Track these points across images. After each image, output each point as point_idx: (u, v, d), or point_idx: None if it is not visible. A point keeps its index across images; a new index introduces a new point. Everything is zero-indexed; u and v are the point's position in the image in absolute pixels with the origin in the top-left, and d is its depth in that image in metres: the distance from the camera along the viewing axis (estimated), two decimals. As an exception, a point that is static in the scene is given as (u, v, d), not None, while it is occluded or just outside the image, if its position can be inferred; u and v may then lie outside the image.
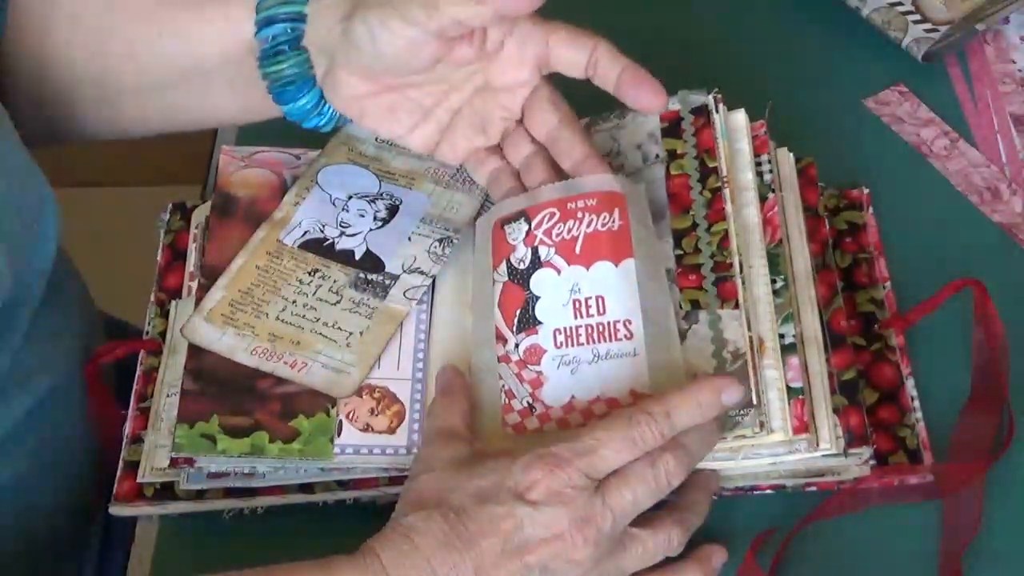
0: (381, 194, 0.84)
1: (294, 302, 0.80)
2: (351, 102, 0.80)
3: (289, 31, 0.80)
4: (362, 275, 0.81)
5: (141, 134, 0.91)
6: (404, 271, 0.81)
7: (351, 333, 0.79)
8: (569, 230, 0.77)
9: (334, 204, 0.84)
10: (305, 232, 0.83)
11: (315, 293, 0.80)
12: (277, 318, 0.79)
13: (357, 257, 0.82)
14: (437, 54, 0.76)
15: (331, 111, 0.82)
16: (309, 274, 0.81)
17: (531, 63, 0.79)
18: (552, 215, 0.78)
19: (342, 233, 0.83)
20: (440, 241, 0.82)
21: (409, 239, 0.82)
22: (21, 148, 0.79)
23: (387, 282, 0.81)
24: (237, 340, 0.79)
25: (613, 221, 0.77)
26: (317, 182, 0.85)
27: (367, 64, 0.78)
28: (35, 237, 0.79)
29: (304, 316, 0.79)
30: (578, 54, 0.77)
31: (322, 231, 0.83)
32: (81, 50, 0.85)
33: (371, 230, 0.83)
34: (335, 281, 0.81)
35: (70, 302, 0.89)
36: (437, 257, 0.81)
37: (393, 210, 0.84)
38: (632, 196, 0.78)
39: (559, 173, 0.80)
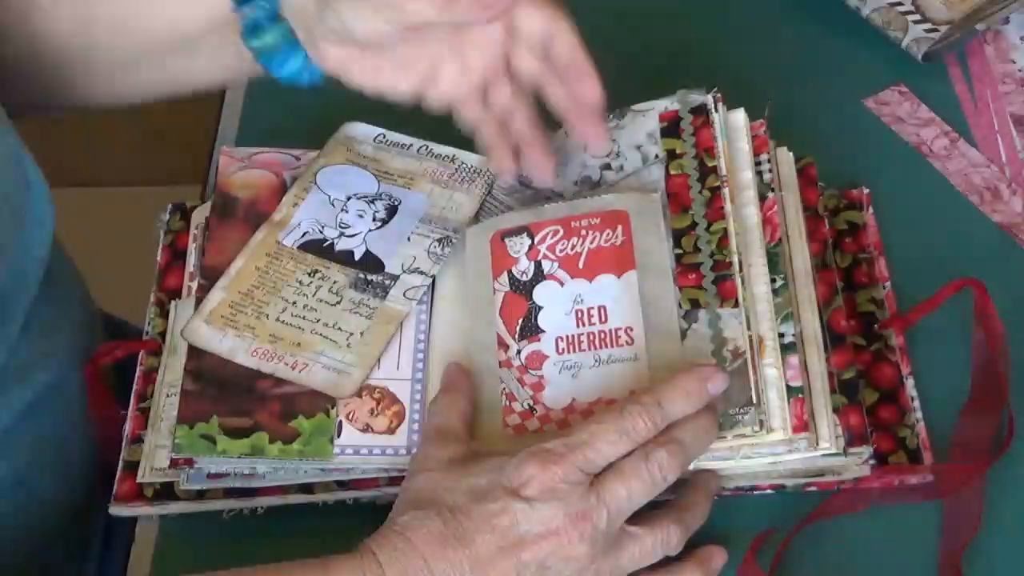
0: (380, 194, 0.84)
1: (294, 303, 0.80)
2: (335, 65, 0.80)
3: (266, 4, 0.80)
4: (362, 275, 0.81)
5: (134, 101, 0.92)
6: (404, 271, 0.81)
7: (351, 333, 0.79)
8: (573, 246, 0.78)
9: (333, 205, 0.84)
10: (304, 233, 0.83)
11: (315, 294, 0.80)
12: (277, 319, 0.79)
13: (357, 258, 0.82)
14: (408, 36, 0.77)
15: (320, 71, 0.82)
16: (309, 275, 0.81)
17: (500, 27, 0.79)
18: (556, 232, 0.79)
19: (341, 234, 0.83)
20: (439, 241, 0.82)
21: (408, 239, 0.82)
22: (2, 134, 0.79)
23: (387, 282, 0.81)
24: (238, 342, 0.79)
25: (616, 237, 0.78)
26: (316, 183, 0.85)
27: (343, 39, 0.78)
28: (22, 223, 0.79)
29: (304, 317, 0.79)
30: (538, 27, 0.78)
31: (321, 232, 0.83)
32: (64, 23, 0.85)
33: (370, 231, 0.83)
34: (335, 282, 0.81)
35: (67, 296, 0.89)
36: (437, 257, 0.81)
37: (392, 210, 0.84)
38: (642, 208, 0.79)
39: (538, 125, 0.81)
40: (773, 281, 0.77)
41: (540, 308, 0.78)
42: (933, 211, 0.90)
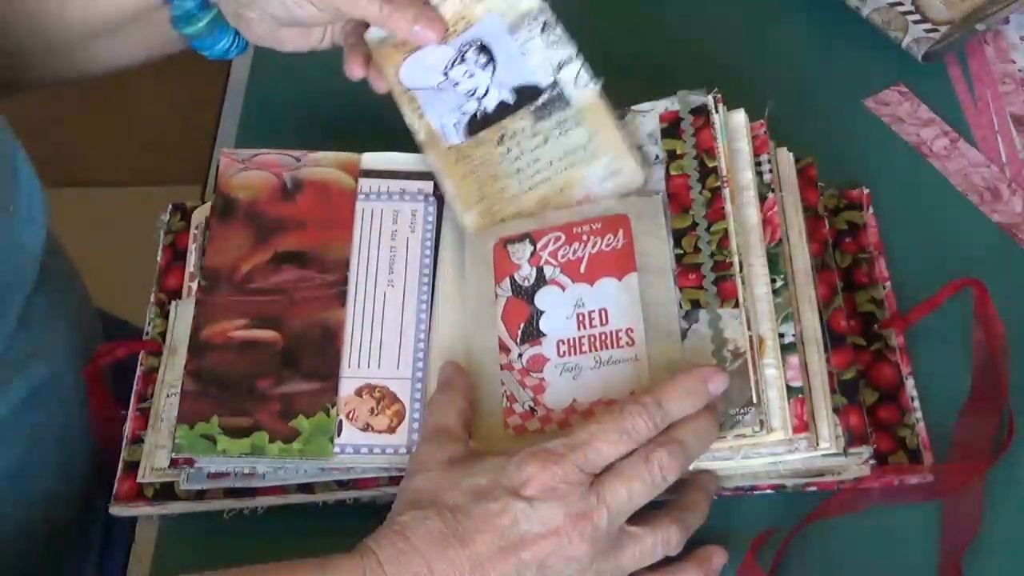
0: (460, 49, 0.84)
1: (519, 171, 0.81)
2: (267, 36, 0.86)
3: None
4: (532, 106, 0.82)
5: (51, 85, 0.96)
6: (555, 72, 0.81)
7: (585, 145, 0.80)
8: (575, 252, 0.79)
9: (442, 88, 0.84)
10: (455, 123, 0.83)
11: (524, 150, 0.81)
12: (529, 190, 0.81)
13: (512, 101, 0.82)
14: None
15: (246, 42, 0.89)
16: (500, 142, 0.82)
17: None
18: (557, 239, 0.79)
19: (479, 100, 0.83)
20: (543, 31, 0.82)
21: (523, 54, 0.82)
22: None
23: (555, 91, 0.81)
24: (525, 223, 0.80)
25: (617, 241, 0.78)
26: (408, 88, 0.84)
27: (281, 22, 0.85)
28: (8, 219, 0.79)
29: (539, 172, 0.80)
30: None
31: (463, 112, 0.83)
32: None
33: (491, 76, 0.83)
34: (523, 129, 0.81)
35: (65, 291, 0.89)
36: (558, 40, 0.82)
37: (484, 49, 0.83)
38: (642, 211, 0.79)
39: None
40: (773, 281, 0.77)
41: (542, 313, 0.78)
42: (933, 211, 0.90)
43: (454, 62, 0.84)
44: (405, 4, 0.82)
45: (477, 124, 0.83)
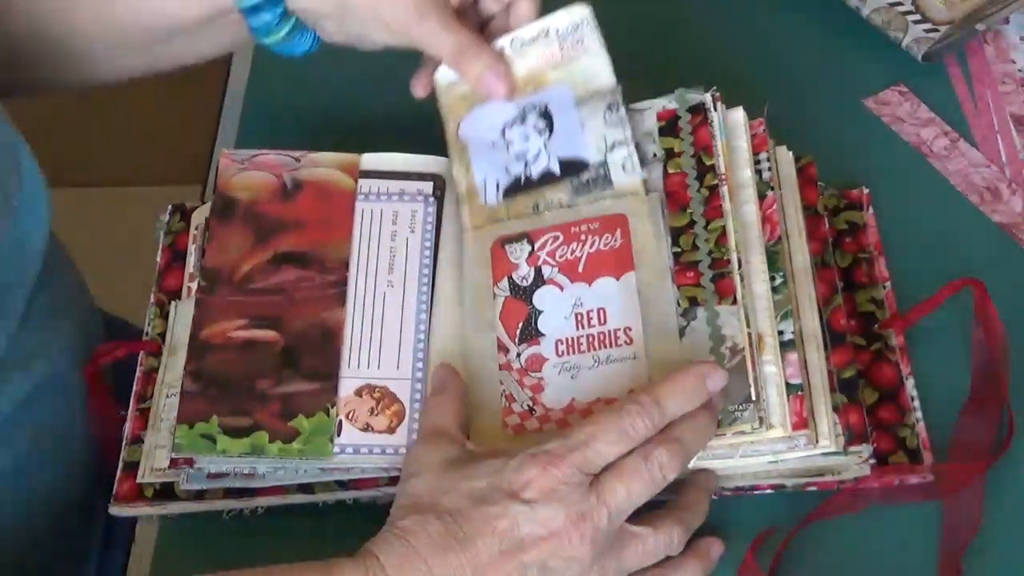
0: (524, 110, 0.83)
1: None
2: (341, 41, 0.86)
3: (274, 7, 0.83)
4: (576, 181, 0.81)
5: (113, 83, 0.93)
6: (606, 152, 0.80)
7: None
8: (572, 251, 0.79)
9: (495, 147, 0.83)
10: (497, 183, 0.82)
11: (556, 219, 0.80)
12: None
13: (558, 171, 0.81)
14: None
15: (317, 39, 0.87)
16: (534, 211, 0.81)
17: None
18: (556, 238, 0.79)
19: (526, 163, 0.82)
20: (609, 108, 0.81)
21: (583, 127, 0.81)
22: None
23: (601, 170, 0.80)
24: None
25: (615, 240, 0.78)
26: (464, 140, 0.84)
27: (350, 39, 0.85)
28: (11, 213, 0.79)
29: None
30: None
31: (509, 172, 0.82)
32: (44, 10, 0.86)
33: (546, 143, 0.82)
34: (560, 200, 0.81)
35: (67, 288, 0.89)
36: (618, 122, 0.81)
37: (546, 115, 0.82)
38: (640, 210, 0.79)
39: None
40: (772, 279, 0.77)
41: (540, 312, 0.78)
42: (933, 211, 0.90)
43: (514, 122, 0.83)
44: (480, 52, 0.81)
45: (518, 188, 0.82)
